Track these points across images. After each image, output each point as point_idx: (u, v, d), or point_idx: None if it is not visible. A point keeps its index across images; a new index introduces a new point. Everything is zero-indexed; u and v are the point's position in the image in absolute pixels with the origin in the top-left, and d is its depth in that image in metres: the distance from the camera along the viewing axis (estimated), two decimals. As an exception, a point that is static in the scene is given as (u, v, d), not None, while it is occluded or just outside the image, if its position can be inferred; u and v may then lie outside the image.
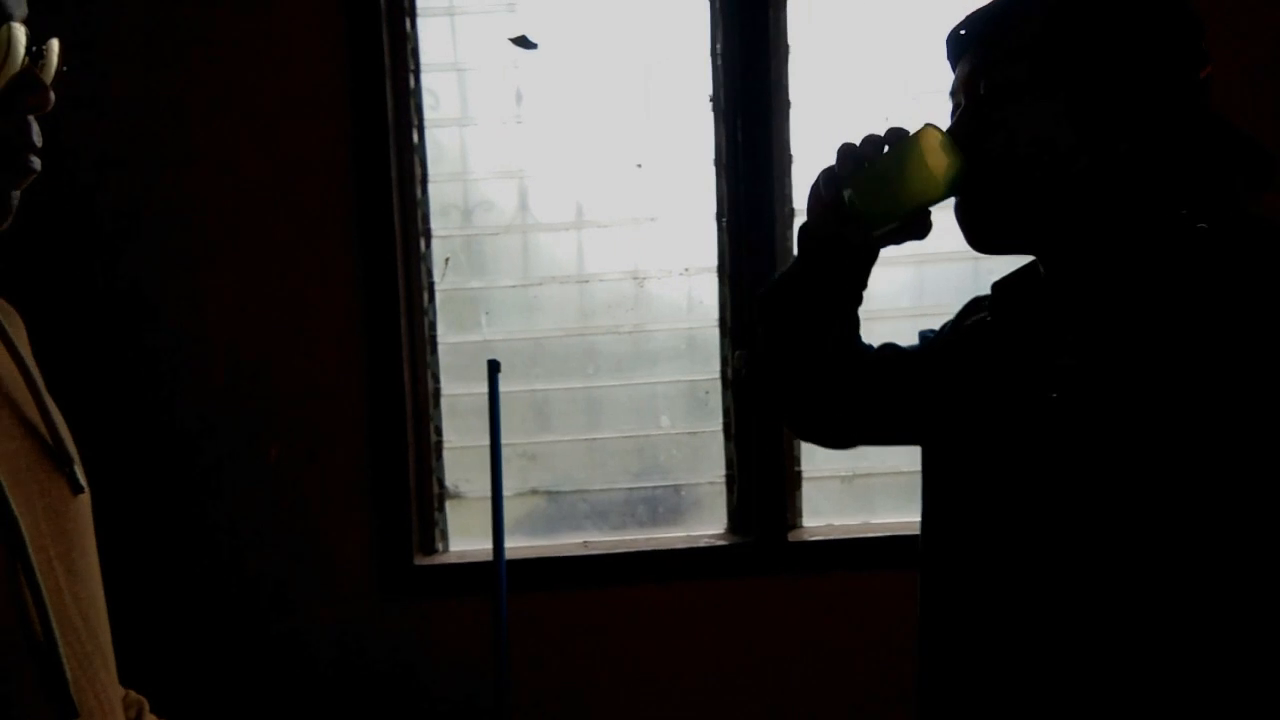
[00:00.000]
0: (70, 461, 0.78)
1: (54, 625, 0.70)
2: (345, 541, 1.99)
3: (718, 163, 2.03)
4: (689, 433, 2.09)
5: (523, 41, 2.00)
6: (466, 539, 2.10)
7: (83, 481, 0.79)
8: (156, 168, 1.93)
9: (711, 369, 2.08)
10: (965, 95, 0.94)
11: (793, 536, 2.06)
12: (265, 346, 1.96)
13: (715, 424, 2.08)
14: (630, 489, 2.10)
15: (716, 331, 2.06)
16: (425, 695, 2.00)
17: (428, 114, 2.03)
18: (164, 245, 1.94)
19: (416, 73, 2.01)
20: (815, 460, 2.07)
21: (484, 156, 2.07)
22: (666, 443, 2.10)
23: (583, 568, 2.04)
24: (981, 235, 0.95)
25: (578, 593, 2.03)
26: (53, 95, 0.71)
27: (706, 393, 2.09)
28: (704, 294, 2.07)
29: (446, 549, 2.09)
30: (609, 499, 2.11)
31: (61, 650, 0.71)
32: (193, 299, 1.95)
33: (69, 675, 0.71)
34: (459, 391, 2.06)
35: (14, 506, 0.70)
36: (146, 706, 0.94)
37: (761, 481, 2.04)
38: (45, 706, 0.70)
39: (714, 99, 2.02)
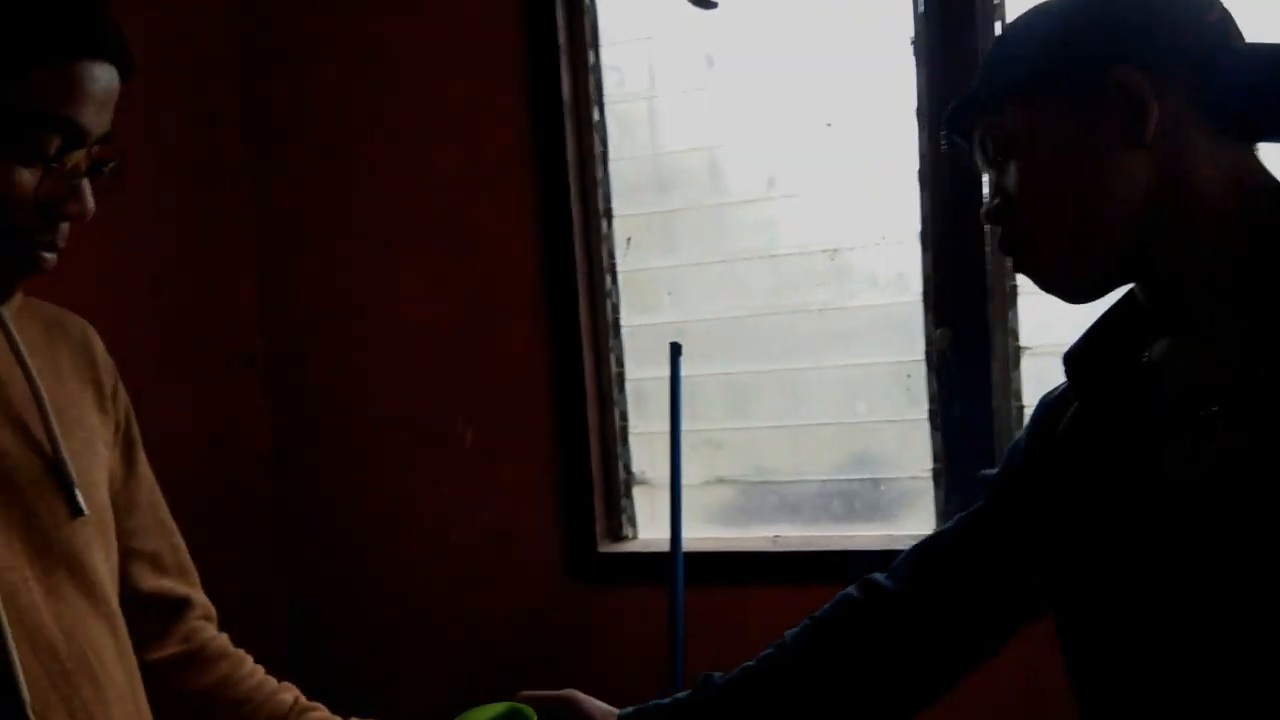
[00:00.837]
0: (71, 484, 0.80)
1: (10, 645, 0.71)
2: (534, 525, 2.00)
3: (920, 115, 1.80)
4: (889, 420, 1.89)
5: (702, 2, 1.89)
6: (658, 527, 2.03)
7: (83, 505, 0.80)
8: (355, 163, 2.03)
9: (914, 349, 1.85)
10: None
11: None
12: (456, 333, 2.01)
13: (919, 411, 1.86)
14: (824, 480, 1.94)
15: (920, 307, 1.84)
16: (602, 683, 1.96)
17: (613, 90, 1.97)
18: (364, 240, 2.05)
19: (596, 48, 1.96)
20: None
21: (672, 129, 1.99)
22: (864, 431, 1.91)
23: (771, 564, 1.90)
24: (1072, 287, 0.80)
25: (765, 589, 1.89)
26: (92, 208, 0.74)
27: (909, 375, 1.87)
28: (904, 265, 1.86)
29: (635, 536, 2.04)
30: (801, 491, 1.95)
31: (19, 670, 0.71)
32: (390, 289, 2.04)
33: (25, 696, 0.71)
34: (644, 375, 2.00)
35: None
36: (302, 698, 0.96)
37: (970, 476, 1.79)
38: None
39: (915, 42, 1.79)
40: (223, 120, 2.06)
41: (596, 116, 1.96)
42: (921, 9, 1.77)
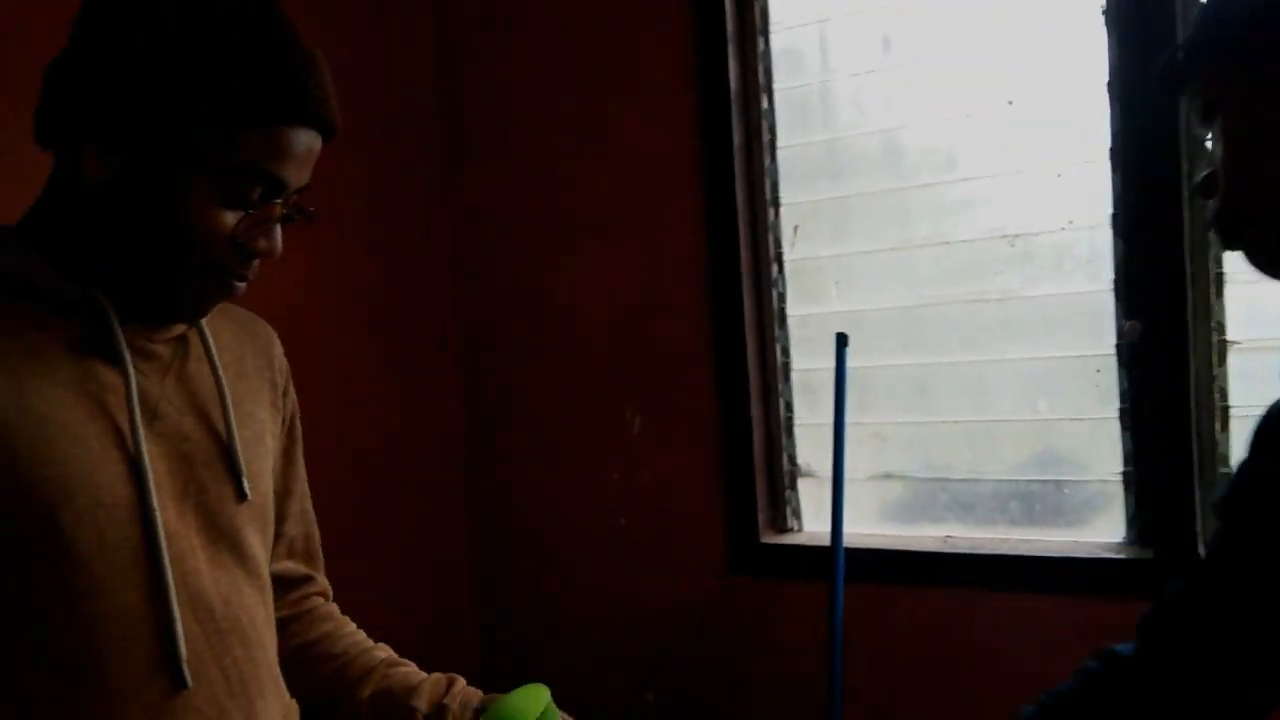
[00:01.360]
0: (240, 472, 0.89)
1: (174, 605, 0.81)
2: (699, 512, 2.01)
3: (1111, 89, 1.65)
4: (1075, 418, 1.75)
5: None
6: (825, 520, 1.99)
7: (248, 491, 0.89)
8: (539, 157, 2.13)
9: (1103, 342, 1.71)
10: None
11: (1214, 556, 1.62)
12: (627, 321, 2.06)
13: (1109, 409, 1.71)
14: (1002, 480, 1.83)
15: (1110, 296, 1.69)
16: (760, 673, 1.96)
17: (785, 76, 1.95)
18: (546, 230, 2.13)
19: (766, 35, 1.94)
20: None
21: (846, 113, 1.94)
22: (1047, 429, 1.79)
23: (941, 565, 1.82)
24: None
25: (933, 590, 1.82)
26: (280, 250, 0.84)
27: (1097, 371, 1.73)
28: (1093, 251, 1.71)
29: (800, 528, 2.01)
30: (976, 490, 1.85)
31: (179, 628, 0.81)
32: (568, 278, 2.11)
33: (183, 652, 0.81)
34: (812, 366, 1.96)
35: (154, 499, 0.81)
36: (459, 681, 1.04)
37: (1165, 481, 1.63)
38: (157, 676, 0.80)
39: (1106, 10, 1.65)
40: (418, 119, 2.21)
41: (765, 104, 1.94)
42: (1115, -29, 1.63)
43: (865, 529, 1.90)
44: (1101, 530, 1.74)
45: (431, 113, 2.23)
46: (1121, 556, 1.69)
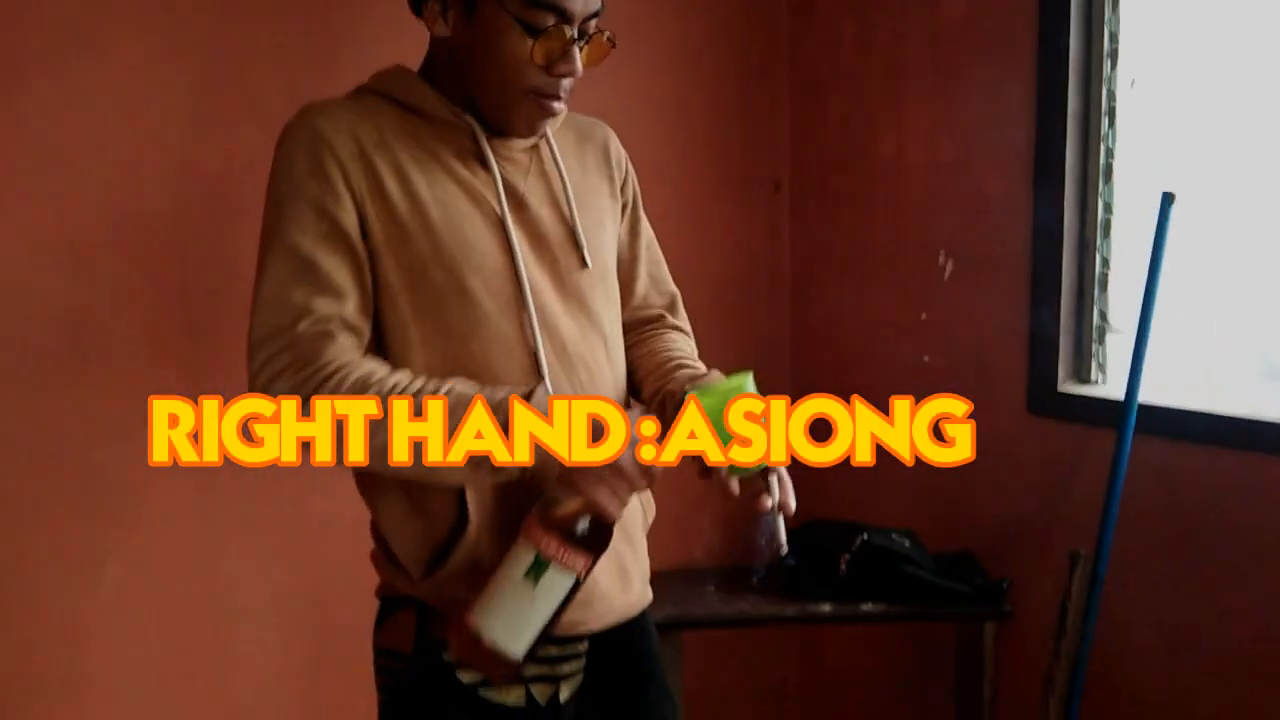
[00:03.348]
0: (581, 246, 1.20)
1: (537, 333, 1.15)
2: (1002, 356, 2.13)
3: None
4: None
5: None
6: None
7: (588, 260, 1.20)
8: (871, 13, 2.23)
9: None
10: None
11: None
12: (946, 171, 2.16)
13: None
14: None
15: None
16: (1047, 510, 2.07)
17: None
18: (879, 83, 2.26)
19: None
20: None
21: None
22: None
23: (1249, 431, 1.80)
24: None
25: (1237, 454, 1.80)
26: (580, 68, 1.10)
27: None
28: None
29: (1104, 381, 2.05)
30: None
31: (540, 347, 1.15)
32: (895, 130, 2.24)
33: (544, 366, 1.15)
34: (1139, 224, 1.96)
35: (521, 263, 1.14)
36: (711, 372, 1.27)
37: None
38: (529, 377, 1.15)
39: None
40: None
41: (1114, -51, 1.90)
42: None
43: (1175, 392, 1.91)
44: None
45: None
46: None
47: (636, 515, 1.28)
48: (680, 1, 2.27)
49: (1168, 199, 1.78)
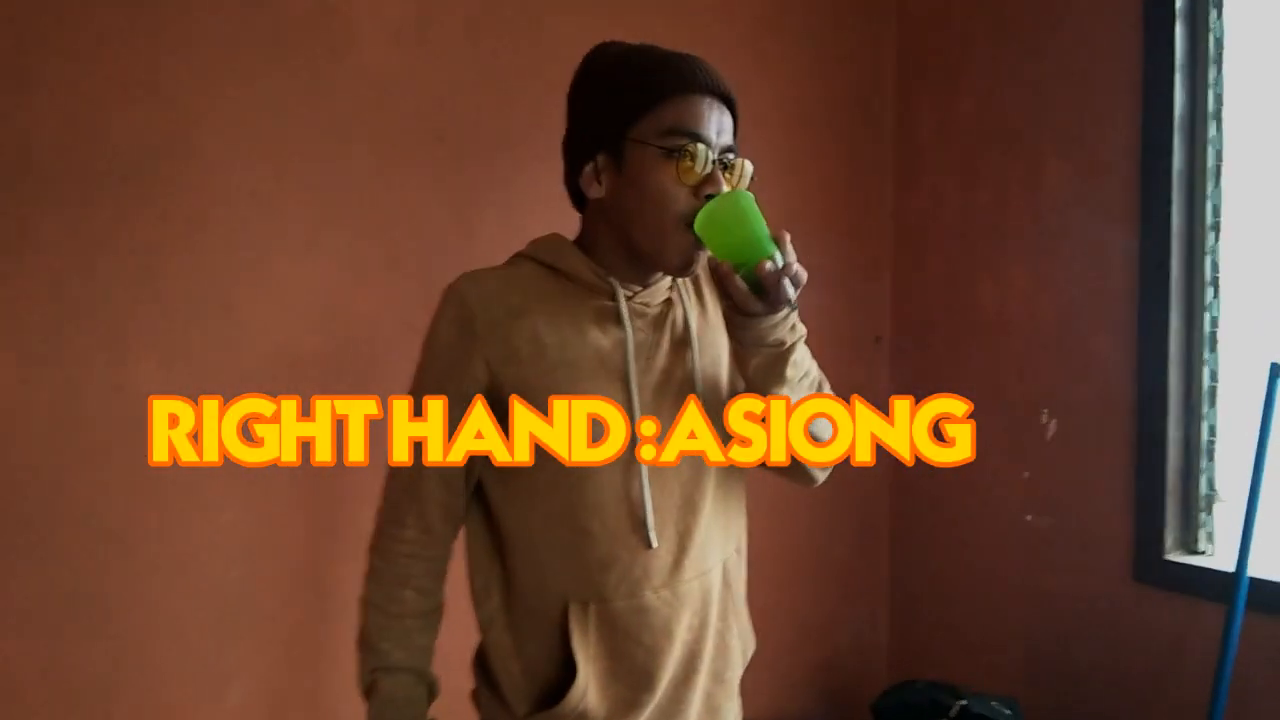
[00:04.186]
0: (695, 391, 1.22)
1: (646, 488, 1.18)
2: (1105, 521, 2.11)
3: None
4: None
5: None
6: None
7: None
8: (977, 174, 2.34)
9: None
10: None
11: None
12: (1050, 332, 2.20)
13: None
14: None
15: None
16: (1147, 686, 2.00)
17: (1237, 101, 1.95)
18: (979, 243, 2.34)
19: (1219, 62, 1.96)
20: None
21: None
22: None
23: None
24: None
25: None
26: (724, 187, 1.18)
27: None
28: None
29: (1213, 552, 2.01)
30: None
31: (649, 506, 1.18)
32: (997, 289, 2.31)
33: (650, 521, 1.18)
34: (1247, 394, 1.95)
35: (636, 416, 1.18)
36: None
37: None
38: (633, 535, 1.18)
39: None
40: (874, 137, 2.53)
41: (1213, 131, 1.96)
42: None
43: (1285, 564, 1.87)
44: None
45: (889, 125, 2.54)
46: None
47: (732, 653, 1.28)
48: (789, 161, 2.42)
49: (1276, 369, 1.78)
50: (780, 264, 1.09)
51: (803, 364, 1.20)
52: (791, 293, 1.11)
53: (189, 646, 1.77)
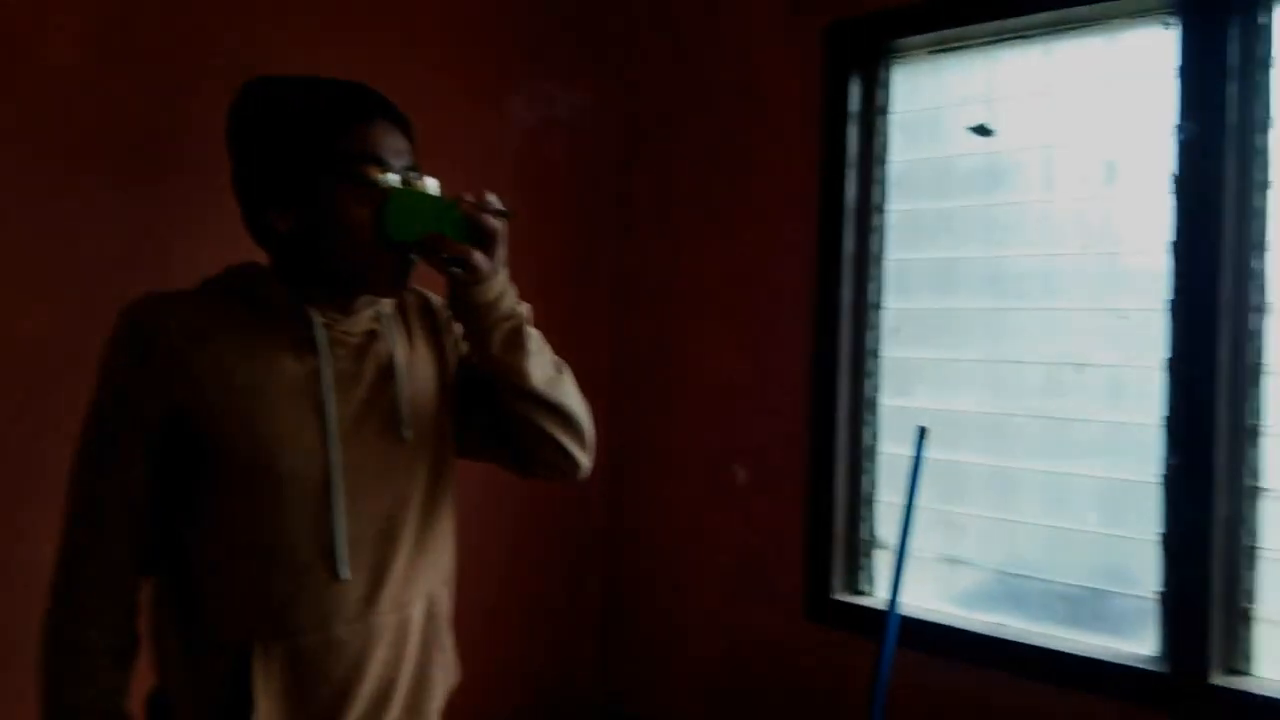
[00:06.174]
0: (399, 423, 1.23)
1: (338, 523, 1.17)
2: (787, 565, 2.33)
3: (1173, 249, 1.83)
4: (1124, 536, 1.93)
5: (981, 130, 2.09)
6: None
7: (407, 435, 1.23)
8: (684, 240, 2.52)
9: (1149, 470, 1.88)
10: None
11: (1229, 683, 1.76)
12: (743, 392, 2.41)
13: (1152, 532, 1.87)
14: (1053, 582, 2.02)
15: (1157, 431, 1.86)
16: (822, 714, 2.24)
17: (901, 193, 2.23)
18: (680, 302, 2.52)
19: (884, 163, 2.24)
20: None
21: (951, 235, 2.19)
22: (1101, 542, 1.97)
23: (991, 648, 2.03)
24: None
25: (981, 671, 2.03)
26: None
27: (1142, 495, 1.89)
28: (1145, 388, 1.89)
29: (873, 593, 2.27)
30: (1028, 586, 2.05)
31: (339, 537, 1.16)
32: (697, 347, 2.49)
33: (340, 552, 1.17)
34: (899, 452, 2.23)
35: (335, 446, 1.17)
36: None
37: (1184, 608, 1.79)
38: (322, 566, 1.16)
39: (1175, 179, 1.82)
40: (598, 204, 2.66)
41: (877, 221, 2.24)
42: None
43: (929, 604, 2.14)
44: (1133, 640, 1.91)
45: (614, 190, 2.69)
46: (1139, 667, 1.86)
47: (434, 685, 1.29)
48: (535, 226, 2.48)
49: (921, 432, 2.05)
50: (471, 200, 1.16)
51: (539, 339, 1.25)
52: (495, 223, 1.16)
53: None
